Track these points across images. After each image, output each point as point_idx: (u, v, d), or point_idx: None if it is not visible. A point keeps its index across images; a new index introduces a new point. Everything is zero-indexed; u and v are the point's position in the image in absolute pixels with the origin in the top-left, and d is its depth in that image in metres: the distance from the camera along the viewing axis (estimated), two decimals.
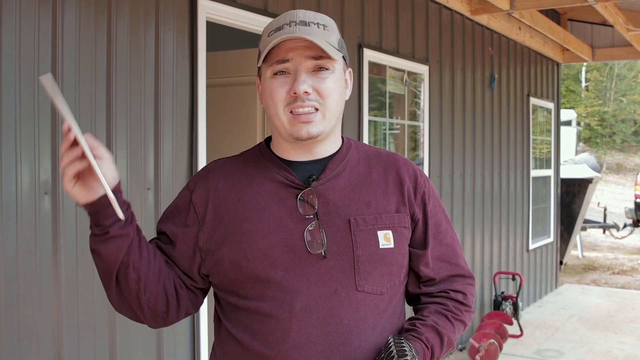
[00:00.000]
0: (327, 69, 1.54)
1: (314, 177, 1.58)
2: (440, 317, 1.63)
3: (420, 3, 5.47)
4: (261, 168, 1.63)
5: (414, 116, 5.51)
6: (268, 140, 1.70)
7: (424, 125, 5.58)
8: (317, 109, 1.53)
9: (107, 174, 1.41)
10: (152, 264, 1.56)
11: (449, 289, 1.68)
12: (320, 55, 1.53)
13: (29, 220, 2.62)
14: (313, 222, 1.54)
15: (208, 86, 3.47)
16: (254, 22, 3.69)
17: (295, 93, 1.51)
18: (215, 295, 1.66)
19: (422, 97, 5.56)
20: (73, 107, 2.76)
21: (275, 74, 1.54)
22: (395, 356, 1.44)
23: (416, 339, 1.55)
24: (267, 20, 3.75)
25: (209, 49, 3.48)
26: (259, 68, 1.61)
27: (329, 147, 1.63)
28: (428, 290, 1.68)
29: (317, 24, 1.54)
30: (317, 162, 1.62)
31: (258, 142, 1.73)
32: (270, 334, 1.52)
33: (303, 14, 1.55)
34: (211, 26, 3.55)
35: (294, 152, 1.61)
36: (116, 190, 1.45)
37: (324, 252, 1.53)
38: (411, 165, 1.70)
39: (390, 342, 1.50)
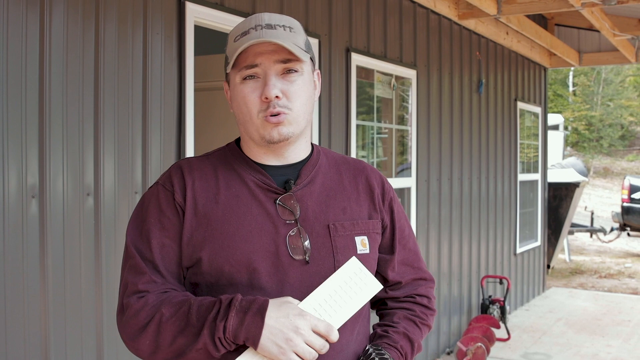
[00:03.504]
0: (295, 71, 1.54)
1: (292, 182, 1.58)
2: (409, 323, 1.67)
3: (408, 7, 5.50)
4: (234, 170, 1.60)
5: (402, 120, 5.53)
6: (237, 141, 1.68)
7: (412, 129, 5.60)
8: (286, 113, 1.53)
9: None
10: None
11: (414, 294, 1.73)
12: (288, 58, 1.52)
13: (16, 223, 2.61)
14: (294, 228, 1.54)
15: (196, 90, 3.48)
16: None
17: (266, 98, 1.50)
18: None
19: (410, 101, 5.58)
20: (61, 112, 2.76)
21: (245, 78, 1.53)
22: None
23: (392, 348, 1.58)
24: None
25: (197, 52, 3.48)
26: (227, 74, 1.60)
27: (301, 152, 1.63)
28: (394, 295, 1.72)
29: (283, 26, 1.54)
30: (290, 166, 1.62)
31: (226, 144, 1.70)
32: None
33: (268, 17, 1.54)
34: (200, 30, 3.56)
35: (265, 156, 1.61)
36: None
37: (307, 257, 1.53)
38: (377, 173, 1.74)
39: (371, 352, 1.52)
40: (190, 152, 3.35)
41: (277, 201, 1.56)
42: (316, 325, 1.40)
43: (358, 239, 1.59)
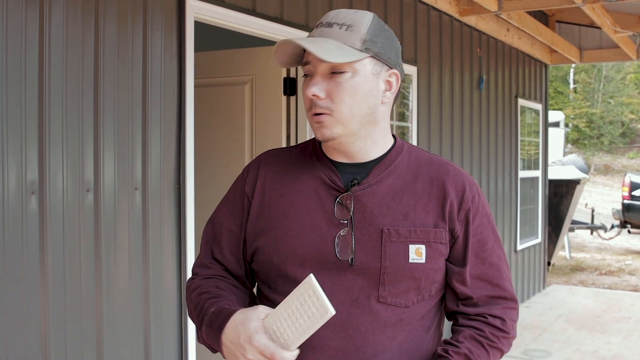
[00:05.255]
0: (343, 72, 1.50)
1: (356, 181, 1.57)
2: (475, 343, 1.56)
3: (408, 4, 5.49)
4: (309, 164, 1.63)
5: (402, 117, 5.52)
6: None
7: (413, 126, 5.59)
8: (327, 113, 1.52)
9: None
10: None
11: (487, 313, 1.60)
12: None
13: (15, 220, 2.61)
14: (346, 228, 1.53)
15: (198, 86, 3.47)
16: (242, 22, 3.69)
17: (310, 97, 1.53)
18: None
19: (410, 98, 5.57)
20: (61, 109, 2.76)
21: (304, 75, 1.56)
22: None
23: None
24: (255, 20, 3.75)
25: (199, 48, 3.48)
26: None
27: (368, 152, 1.60)
28: (466, 311, 1.61)
29: (342, 24, 1.51)
30: (364, 165, 1.60)
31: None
32: None
33: (334, 15, 1.54)
34: (201, 26, 3.55)
35: (334, 153, 1.61)
36: None
37: (351, 259, 1.52)
38: (461, 179, 1.62)
39: None
40: (190, 148, 3.34)
41: (337, 199, 1.56)
42: (262, 351, 1.40)
43: (412, 247, 1.53)
